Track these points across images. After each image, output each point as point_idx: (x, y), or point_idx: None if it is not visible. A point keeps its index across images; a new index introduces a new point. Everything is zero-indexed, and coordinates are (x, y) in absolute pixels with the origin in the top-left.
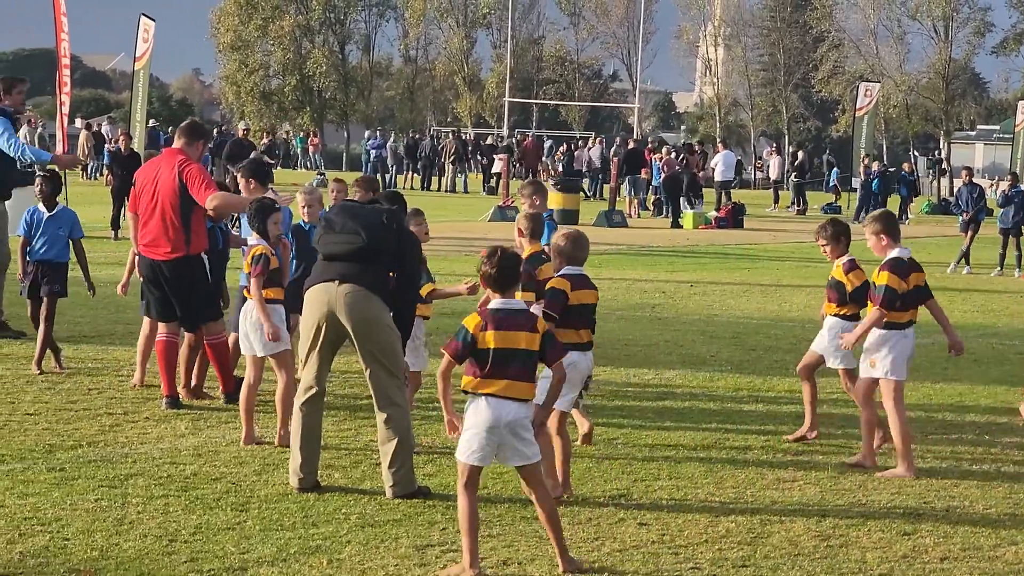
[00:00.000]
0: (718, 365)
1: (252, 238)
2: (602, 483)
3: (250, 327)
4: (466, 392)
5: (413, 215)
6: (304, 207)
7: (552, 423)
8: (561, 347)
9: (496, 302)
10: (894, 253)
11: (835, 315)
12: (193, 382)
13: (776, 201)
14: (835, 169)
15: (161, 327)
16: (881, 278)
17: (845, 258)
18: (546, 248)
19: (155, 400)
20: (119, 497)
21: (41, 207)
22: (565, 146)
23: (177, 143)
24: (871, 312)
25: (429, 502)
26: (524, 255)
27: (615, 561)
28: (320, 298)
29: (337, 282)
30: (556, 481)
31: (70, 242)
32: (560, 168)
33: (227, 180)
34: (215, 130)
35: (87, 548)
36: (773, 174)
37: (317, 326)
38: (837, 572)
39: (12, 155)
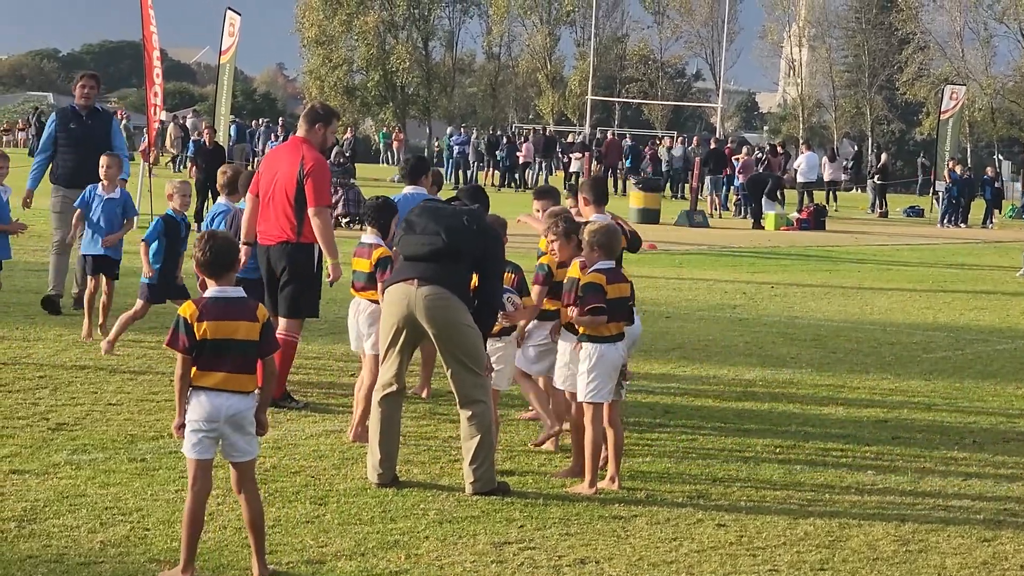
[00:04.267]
0: (798, 367)
1: (369, 237)
2: (680, 483)
3: (364, 325)
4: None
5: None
6: (174, 196)
7: (604, 414)
8: (276, 340)
9: (213, 290)
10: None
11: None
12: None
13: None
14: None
15: (280, 323)
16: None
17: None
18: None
19: None
20: None
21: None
22: (649, 148)
23: (300, 131)
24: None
25: (507, 499)
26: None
27: (692, 562)
28: (399, 299)
29: (416, 283)
30: (594, 473)
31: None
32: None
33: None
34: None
35: (167, 539)
36: (827, 176)
37: (397, 327)
38: None
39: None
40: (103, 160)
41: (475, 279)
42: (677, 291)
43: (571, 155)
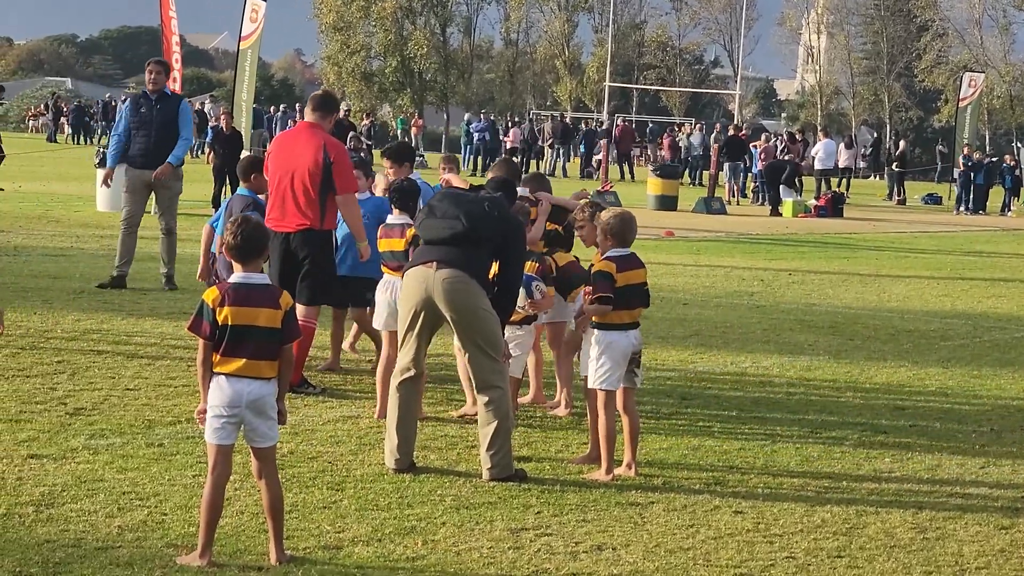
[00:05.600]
0: (816, 354)
1: (396, 218)
2: (698, 470)
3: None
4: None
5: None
6: None
7: (617, 401)
8: (298, 327)
9: (237, 276)
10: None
11: None
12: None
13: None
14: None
15: (299, 309)
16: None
17: None
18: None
19: None
20: None
21: None
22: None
23: (310, 116)
24: None
25: (524, 486)
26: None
27: (709, 549)
28: (418, 282)
29: (435, 266)
30: (610, 460)
31: None
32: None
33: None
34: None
35: (185, 524)
36: (842, 163)
37: (415, 310)
38: (934, 565)
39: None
40: None
41: (495, 267)
42: (694, 278)
43: (596, 141)
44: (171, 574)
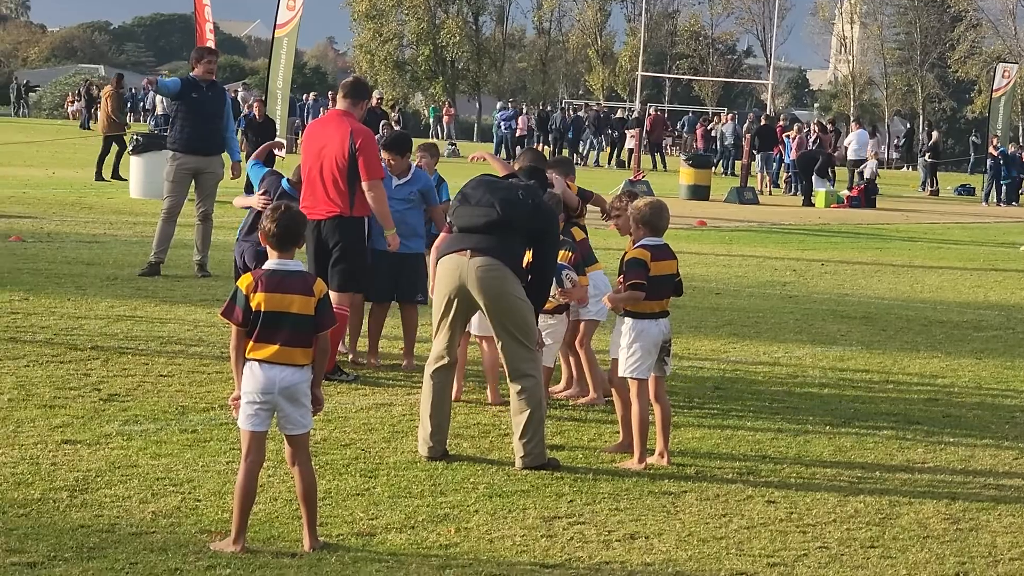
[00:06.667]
0: (848, 344)
1: None
2: (730, 460)
3: None
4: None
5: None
6: None
7: (649, 389)
8: (333, 315)
9: (271, 262)
10: None
11: None
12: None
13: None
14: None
15: (332, 297)
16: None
17: None
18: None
19: None
20: None
21: None
22: (700, 125)
23: (341, 104)
24: None
25: (557, 474)
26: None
27: (742, 538)
28: (452, 270)
29: (469, 254)
30: (642, 448)
31: None
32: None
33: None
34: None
35: (218, 510)
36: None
37: (449, 298)
38: (967, 556)
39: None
40: None
41: (529, 255)
42: (727, 268)
43: (627, 131)
44: (205, 560)
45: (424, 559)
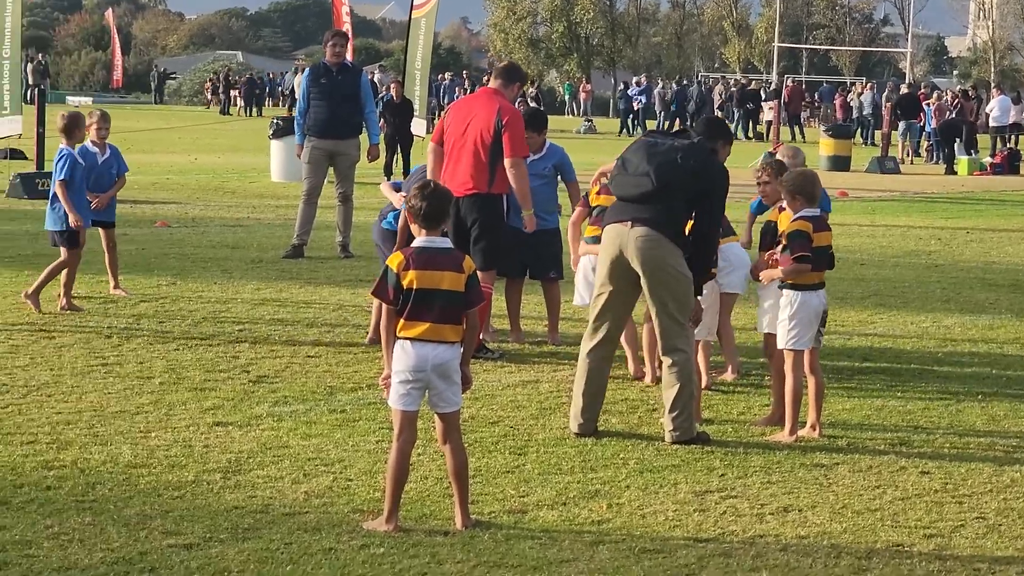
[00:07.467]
0: (997, 313)
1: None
2: (882, 431)
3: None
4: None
5: None
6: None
7: (805, 361)
8: (482, 291)
9: (420, 240)
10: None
11: None
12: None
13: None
14: None
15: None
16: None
17: None
18: None
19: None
20: None
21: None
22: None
23: (493, 83)
24: None
25: (707, 448)
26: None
27: (897, 510)
28: (613, 239)
29: (630, 224)
30: (794, 421)
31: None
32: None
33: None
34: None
35: (370, 489)
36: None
37: (609, 268)
38: None
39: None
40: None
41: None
42: (871, 238)
43: (764, 104)
44: (358, 539)
45: (577, 536)
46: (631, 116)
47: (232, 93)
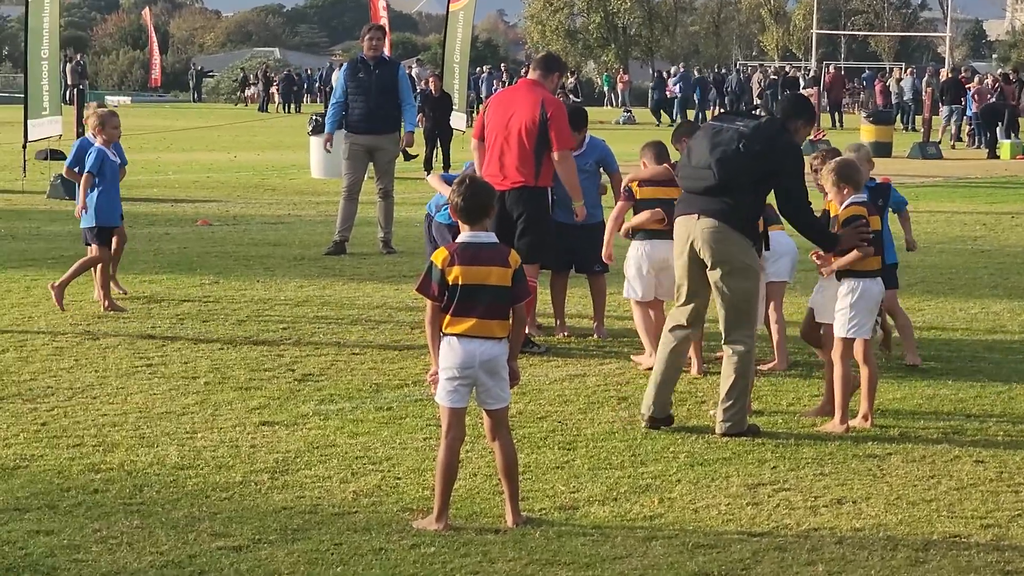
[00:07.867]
0: None
1: None
2: (934, 420)
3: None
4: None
5: None
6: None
7: (858, 351)
8: (528, 286)
9: (465, 235)
10: None
11: None
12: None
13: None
14: None
15: None
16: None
17: None
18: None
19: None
20: None
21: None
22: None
23: (532, 74)
24: None
25: (758, 440)
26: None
27: (953, 500)
28: (683, 231)
29: (697, 216)
30: (845, 411)
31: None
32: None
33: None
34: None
35: (418, 487)
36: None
37: (684, 260)
38: None
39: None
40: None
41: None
42: (915, 224)
43: (804, 91)
44: (409, 539)
45: (629, 531)
46: (664, 105)
47: (271, 90)
